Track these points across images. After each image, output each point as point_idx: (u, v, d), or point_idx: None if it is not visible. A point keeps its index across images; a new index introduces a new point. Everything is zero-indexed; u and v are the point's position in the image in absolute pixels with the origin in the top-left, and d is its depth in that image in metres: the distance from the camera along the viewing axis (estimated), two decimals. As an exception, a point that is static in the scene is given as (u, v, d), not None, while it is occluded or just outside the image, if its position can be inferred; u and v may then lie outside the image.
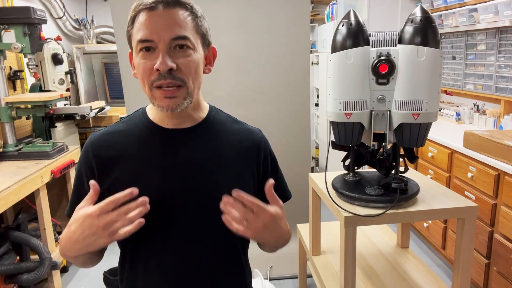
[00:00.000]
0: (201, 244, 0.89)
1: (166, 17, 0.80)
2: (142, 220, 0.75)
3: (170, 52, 0.80)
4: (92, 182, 0.78)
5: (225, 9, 2.33)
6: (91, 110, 3.13)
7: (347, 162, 1.50)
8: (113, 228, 0.74)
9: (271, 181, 0.81)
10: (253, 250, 1.07)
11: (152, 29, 0.79)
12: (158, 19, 0.79)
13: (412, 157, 1.36)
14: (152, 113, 0.93)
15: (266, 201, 0.94)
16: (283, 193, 1.04)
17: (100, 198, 0.88)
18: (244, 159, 0.94)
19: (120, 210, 0.75)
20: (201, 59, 0.87)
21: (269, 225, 0.81)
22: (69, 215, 0.92)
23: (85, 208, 0.76)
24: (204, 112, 0.95)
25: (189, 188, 0.88)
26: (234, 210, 0.78)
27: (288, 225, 0.99)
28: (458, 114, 3.06)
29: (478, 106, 2.95)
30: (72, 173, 2.59)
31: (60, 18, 3.66)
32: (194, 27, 0.84)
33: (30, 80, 3.06)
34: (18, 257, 2.13)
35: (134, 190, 0.75)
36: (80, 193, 0.90)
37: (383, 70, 1.24)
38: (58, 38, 3.07)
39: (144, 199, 0.76)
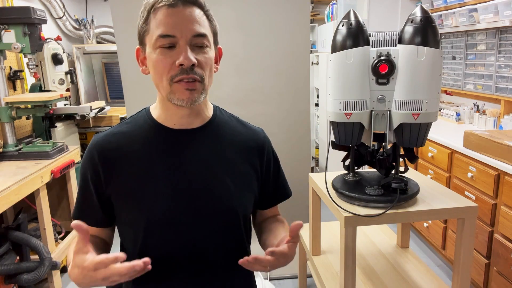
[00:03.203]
0: (211, 243, 0.90)
1: (187, 14, 0.81)
2: (149, 268, 0.71)
3: (190, 48, 0.82)
4: (75, 224, 0.70)
5: (225, 9, 2.32)
6: (91, 110, 3.14)
7: (347, 162, 1.50)
8: (113, 279, 0.71)
9: (299, 223, 0.77)
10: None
11: (174, 25, 0.80)
12: (179, 15, 0.81)
13: (412, 157, 1.36)
14: (157, 113, 0.92)
15: (267, 198, 0.94)
16: (284, 191, 1.06)
17: (107, 201, 0.89)
18: (248, 159, 0.96)
19: (114, 271, 0.70)
20: (213, 58, 0.89)
21: (286, 263, 0.82)
22: (76, 217, 0.93)
23: (83, 258, 0.72)
24: (210, 112, 0.96)
25: (197, 188, 0.89)
26: (257, 265, 0.78)
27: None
28: (458, 114, 3.06)
29: (478, 106, 2.95)
30: (72, 173, 2.59)
31: (60, 18, 3.66)
32: (209, 26, 0.86)
33: (30, 80, 3.06)
34: (18, 257, 2.13)
35: (119, 257, 0.70)
36: (86, 195, 0.91)
37: (383, 70, 1.24)
38: (58, 38, 3.07)
39: (137, 265, 0.69)
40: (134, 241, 0.91)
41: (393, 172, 1.39)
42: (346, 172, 1.52)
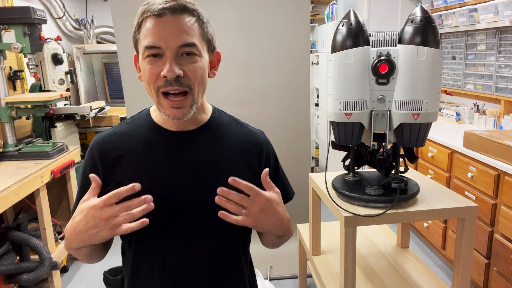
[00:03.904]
0: (203, 243, 0.91)
1: (174, 24, 0.80)
2: (146, 220, 0.76)
3: (177, 59, 0.81)
4: (92, 175, 0.80)
5: (225, 9, 2.32)
6: (91, 110, 3.13)
7: (347, 162, 1.50)
8: (116, 221, 0.76)
9: (266, 170, 0.84)
10: (254, 250, 1.08)
11: (159, 36, 0.80)
12: (166, 26, 0.80)
13: (412, 157, 1.36)
14: (157, 115, 0.94)
15: None
16: (285, 193, 1.05)
17: None
18: (246, 160, 0.96)
19: (122, 205, 0.76)
20: (207, 65, 0.88)
21: (266, 209, 0.82)
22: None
23: (89, 200, 0.78)
24: (207, 114, 0.97)
25: (193, 189, 0.89)
26: (230, 202, 0.79)
27: (287, 213, 0.99)
28: (458, 114, 3.06)
29: (478, 106, 2.95)
30: (72, 173, 2.59)
31: (60, 18, 3.66)
32: (200, 34, 0.85)
33: (30, 80, 3.06)
34: (18, 257, 2.13)
35: (136, 185, 0.76)
36: (85, 193, 0.91)
37: (383, 70, 1.24)
38: (58, 38, 3.07)
39: (148, 197, 0.76)
40: (129, 240, 0.92)
41: (393, 172, 1.39)
42: (346, 172, 1.52)
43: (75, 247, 0.85)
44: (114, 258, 1.06)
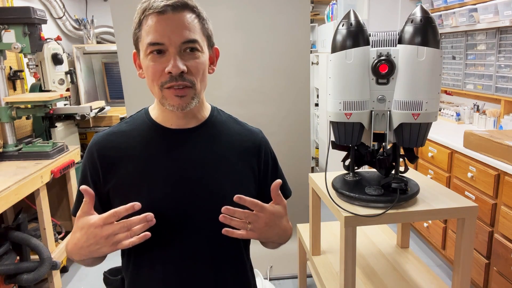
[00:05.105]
0: (205, 242, 0.91)
1: (176, 21, 0.81)
2: (148, 233, 0.76)
3: (180, 55, 0.82)
4: (83, 188, 0.78)
5: (225, 9, 2.33)
6: (91, 110, 3.14)
7: (347, 162, 1.50)
8: (116, 239, 0.76)
9: (278, 181, 0.84)
10: (254, 250, 1.08)
11: (162, 32, 0.80)
12: (168, 22, 0.81)
13: (412, 157, 1.36)
14: (155, 113, 0.94)
15: (267, 199, 0.95)
16: (283, 192, 1.05)
17: (105, 198, 0.91)
18: (245, 159, 0.96)
19: (123, 223, 0.76)
20: (207, 60, 0.89)
21: (270, 223, 0.84)
22: (75, 214, 0.94)
23: (89, 218, 0.78)
24: (206, 113, 0.97)
25: (193, 187, 0.89)
26: (235, 219, 0.80)
27: (289, 221, 1.00)
28: (458, 114, 3.06)
29: (478, 106, 2.95)
30: (72, 173, 2.59)
31: (60, 18, 3.66)
32: (201, 30, 0.86)
33: (30, 80, 3.06)
34: (18, 257, 2.13)
35: (135, 205, 0.76)
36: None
37: (383, 70, 1.24)
38: (58, 38, 3.06)
39: (148, 215, 0.76)
40: None
41: (393, 172, 1.39)
42: (346, 172, 1.52)
43: (78, 259, 0.87)
44: (114, 258, 1.06)
